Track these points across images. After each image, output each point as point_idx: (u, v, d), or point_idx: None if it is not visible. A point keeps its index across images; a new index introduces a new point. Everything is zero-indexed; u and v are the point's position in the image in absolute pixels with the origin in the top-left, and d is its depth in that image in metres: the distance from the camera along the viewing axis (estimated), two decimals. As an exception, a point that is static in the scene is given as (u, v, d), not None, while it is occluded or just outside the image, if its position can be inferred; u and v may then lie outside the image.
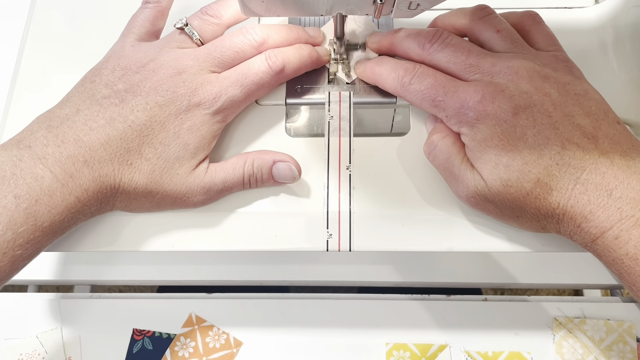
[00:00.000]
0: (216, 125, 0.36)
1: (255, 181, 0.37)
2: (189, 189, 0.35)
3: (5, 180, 0.30)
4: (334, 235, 0.36)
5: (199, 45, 0.37)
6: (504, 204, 0.33)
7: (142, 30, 0.38)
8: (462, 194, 0.35)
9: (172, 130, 0.35)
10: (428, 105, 0.36)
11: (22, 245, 0.30)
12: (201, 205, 0.37)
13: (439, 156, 0.35)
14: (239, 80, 0.36)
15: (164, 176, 0.35)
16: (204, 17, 0.38)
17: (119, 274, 0.51)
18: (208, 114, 0.35)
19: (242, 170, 0.36)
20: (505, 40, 0.36)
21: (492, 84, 0.34)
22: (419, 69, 0.36)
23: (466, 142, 0.34)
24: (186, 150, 0.35)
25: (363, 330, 0.47)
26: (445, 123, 0.35)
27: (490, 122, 0.33)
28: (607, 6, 0.43)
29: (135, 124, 0.34)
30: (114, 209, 0.36)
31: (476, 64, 0.35)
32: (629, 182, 0.30)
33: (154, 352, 0.46)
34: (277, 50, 0.37)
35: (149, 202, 0.36)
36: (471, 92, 0.34)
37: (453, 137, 0.35)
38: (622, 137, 0.32)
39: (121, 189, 0.34)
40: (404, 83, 0.36)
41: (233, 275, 0.51)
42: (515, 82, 0.33)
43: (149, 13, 0.38)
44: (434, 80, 0.35)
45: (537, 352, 0.46)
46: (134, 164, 0.34)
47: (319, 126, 0.40)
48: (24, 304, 0.48)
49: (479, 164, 0.33)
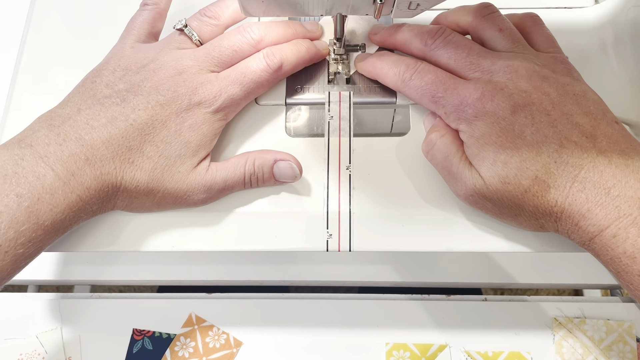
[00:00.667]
0: (217, 123, 0.36)
1: (257, 180, 0.37)
2: (190, 187, 0.36)
3: (7, 179, 0.30)
4: (334, 235, 0.36)
5: (198, 46, 0.38)
6: (502, 201, 0.33)
7: (141, 32, 0.38)
8: (460, 193, 0.35)
9: (174, 129, 0.35)
10: (428, 101, 0.36)
11: (24, 244, 0.30)
12: (202, 204, 0.37)
13: (437, 155, 0.35)
14: (238, 78, 0.36)
15: (166, 174, 0.35)
16: (202, 18, 0.38)
17: (119, 274, 0.51)
18: (209, 112, 0.36)
19: (243, 169, 0.37)
20: (507, 40, 0.36)
21: (491, 82, 0.34)
22: (420, 65, 0.36)
23: (464, 139, 0.34)
24: (187, 148, 0.35)
25: (363, 330, 0.47)
26: (444, 120, 0.36)
27: (488, 120, 0.33)
28: (607, 6, 0.43)
29: (137, 122, 0.34)
30: (115, 208, 0.36)
31: (476, 62, 0.35)
32: (627, 180, 0.30)
33: (154, 352, 0.46)
34: (275, 47, 0.38)
35: (150, 200, 0.36)
36: (471, 89, 0.34)
37: (451, 136, 0.35)
38: (620, 136, 0.32)
39: (123, 187, 0.34)
40: (405, 78, 0.36)
41: (233, 275, 0.51)
42: (515, 81, 0.33)
43: (147, 15, 0.38)
44: (434, 77, 0.35)
45: (537, 352, 0.46)
46: (136, 162, 0.34)
47: (319, 126, 0.40)
48: (24, 304, 0.48)
49: (477, 162, 0.33)
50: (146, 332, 0.47)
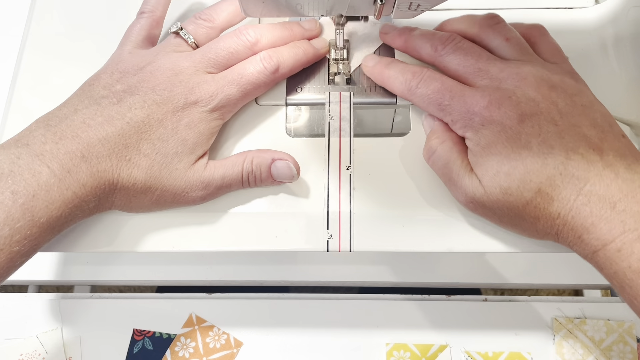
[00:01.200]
0: (214, 122, 0.37)
1: (254, 179, 0.37)
2: (188, 183, 0.36)
3: (3, 177, 0.30)
4: (334, 235, 0.36)
5: (195, 49, 0.38)
6: (502, 211, 0.33)
7: (139, 38, 0.39)
8: (460, 199, 0.35)
9: (170, 127, 0.35)
10: (434, 109, 0.36)
11: (19, 242, 0.30)
12: (200, 202, 0.37)
13: (438, 162, 0.35)
14: (235, 79, 0.37)
15: (163, 171, 0.35)
16: (197, 21, 0.39)
17: (119, 274, 0.51)
18: (205, 111, 0.36)
19: (241, 168, 0.37)
20: (514, 49, 0.36)
21: (499, 90, 0.34)
22: (426, 73, 0.36)
23: (470, 146, 0.34)
24: (184, 146, 0.35)
25: (363, 330, 0.47)
26: (451, 127, 0.36)
27: (495, 128, 0.33)
28: (607, 6, 0.43)
29: (133, 120, 0.34)
30: (113, 207, 0.36)
31: (485, 69, 0.35)
32: (633, 195, 0.30)
33: (154, 353, 0.46)
34: (272, 50, 0.38)
35: (149, 198, 0.36)
36: (478, 97, 0.34)
37: (451, 142, 0.35)
38: (627, 150, 0.32)
39: (120, 184, 0.34)
40: (411, 87, 0.36)
41: (233, 275, 0.51)
42: (523, 89, 0.33)
43: (144, 22, 0.39)
44: (440, 85, 0.35)
45: (537, 353, 0.46)
46: (133, 159, 0.34)
47: (319, 126, 0.40)
48: (24, 304, 0.48)
49: (480, 171, 0.33)
50: (146, 333, 0.47)
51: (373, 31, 0.42)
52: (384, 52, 0.41)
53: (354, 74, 0.41)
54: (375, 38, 0.42)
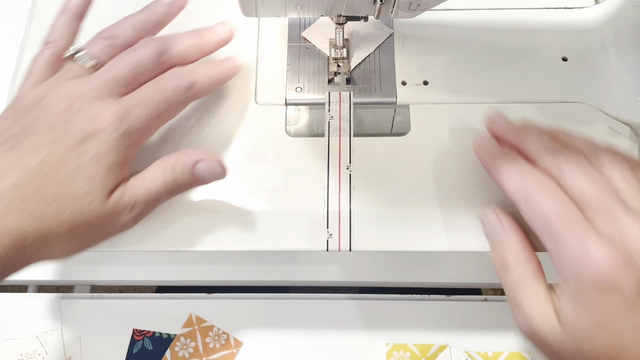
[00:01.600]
0: (125, 151, 0.33)
1: (179, 187, 0.34)
2: (113, 211, 0.32)
3: None
4: (334, 235, 0.36)
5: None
6: (564, 357, 0.29)
7: (41, 72, 0.35)
8: (520, 326, 0.31)
9: (74, 165, 0.31)
10: (541, 229, 0.30)
11: None
12: (134, 223, 0.34)
13: (509, 275, 0.32)
14: (145, 99, 0.33)
15: (76, 213, 0.31)
16: (97, 40, 0.36)
17: (119, 274, 0.51)
18: (113, 139, 0.32)
19: (161, 178, 0.34)
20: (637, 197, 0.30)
21: (626, 252, 0.28)
22: (552, 187, 0.31)
23: (565, 294, 0.30)
24: (95, 182, 0.32)
25: (363, 330, 0.47)
26: (552, 259, 0.30)
27: (609, 298, 0.27)
28: (607, 6, 0.43)
29: (29, 166, 0.31)
30: (40, 260, 0.32)
31: (615, 214, 0.29)
32: None
33: (154, 353, 0.46)
34: (185, 67, 0.36)
35: (75, 241, 0.32)
36: (604, 251, 0.28)
37: (525, 252, 0.32)
38: None
39: (29, 240, 0.30)
40: (528, 193, 0.31)
41: (233, 275, 0.51)
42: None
43: (47, 54, 0.35)
44: (561, 206, 0.30)
45: (537, 353, 0.46)
46: (36, 210, 0.30)
47: (319, 126, 0.40)
48: (24, 304, 0.48)
49: (567, 324, 0.29)
50: (146, 333, 0.47)
51: (373, 31, 0.42)
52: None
53: (353, 74, 0.41)
54: (375, 37, 0.42)
